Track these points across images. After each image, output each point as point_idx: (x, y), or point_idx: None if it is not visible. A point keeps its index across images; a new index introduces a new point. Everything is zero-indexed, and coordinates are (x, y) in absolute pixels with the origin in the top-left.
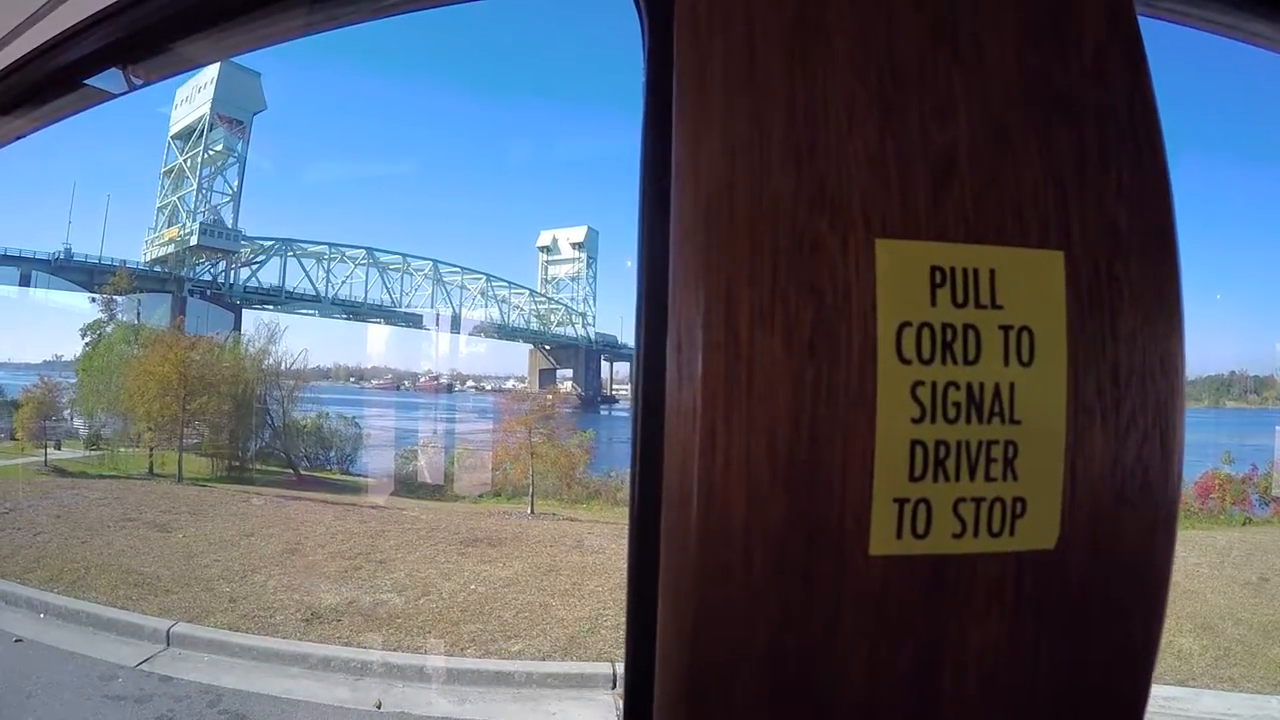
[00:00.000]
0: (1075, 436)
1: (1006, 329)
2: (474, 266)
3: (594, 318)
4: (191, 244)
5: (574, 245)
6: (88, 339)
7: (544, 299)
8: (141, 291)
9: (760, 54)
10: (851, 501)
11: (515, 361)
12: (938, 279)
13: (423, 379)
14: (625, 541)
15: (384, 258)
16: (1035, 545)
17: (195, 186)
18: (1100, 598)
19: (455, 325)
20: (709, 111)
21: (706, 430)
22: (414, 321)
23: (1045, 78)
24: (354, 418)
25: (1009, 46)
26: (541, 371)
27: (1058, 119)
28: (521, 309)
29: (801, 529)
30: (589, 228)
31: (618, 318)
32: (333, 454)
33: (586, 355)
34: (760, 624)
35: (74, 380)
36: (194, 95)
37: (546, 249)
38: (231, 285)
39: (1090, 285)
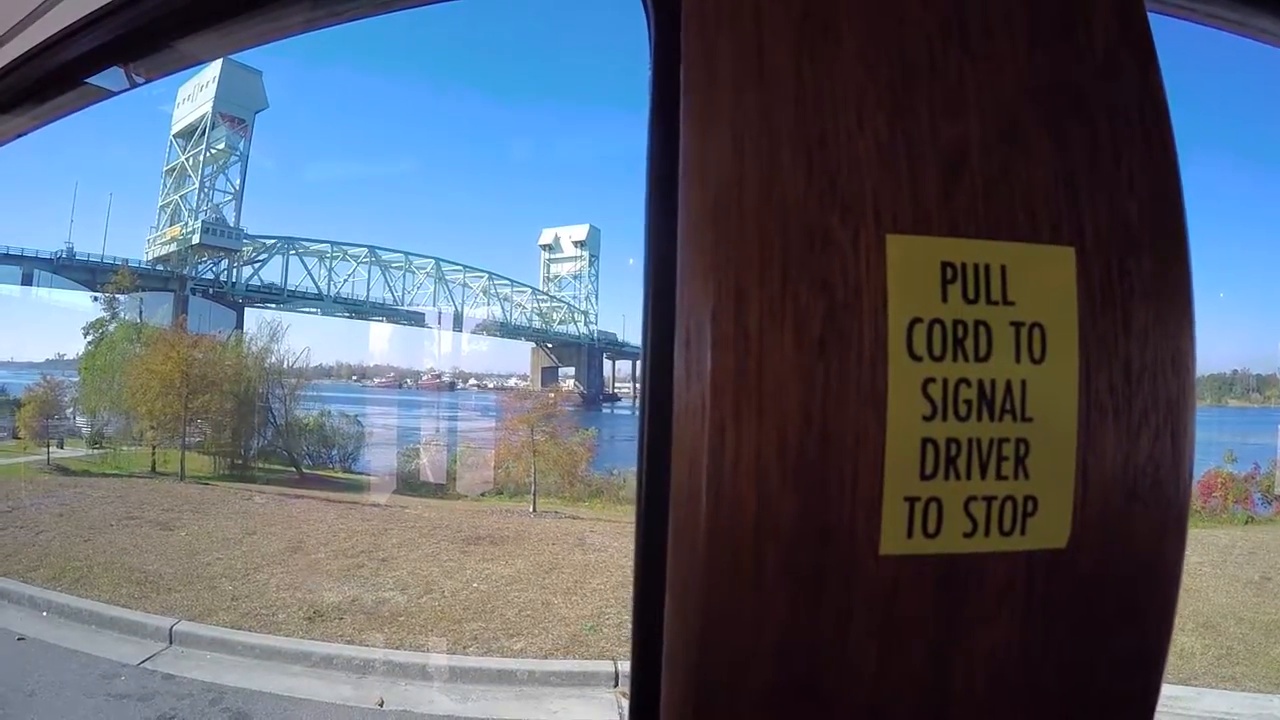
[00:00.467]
0: (1087, 434)
1: (1018, 325)
2: (476, 264)
3: (596, 316)
4: (193, 242)
5: (576, 243)
6: (90, 338)
7: (546, 297)
8: (143, 290)
9: (768, 49)
10: (862, 500)
11: (517, 359)
12: (949, 275)
13: (425, 377)
14: (627, 539)
15: (386, 256)
16: (1046, 544)
17: (197, 185)
18: (1111, 597)
19: (457, 323)
20: (717, 107)
21: (715, 427)
22: (416, 320)
23: (1056, 73)
24: (356, 416)
25: (1020, 42)
26: (544, 369)
27: (1069, 115)
28: (524, 307)
29: (812, 528)
30: (591, 226)
31: (619, 316)
32: (335, 452)
33: (588, 353)
34: (769, 623)
35: (76, 379)
36: (196, 94)
37: (549, 247)
38: (233, 284)
39: (1102, 282)
